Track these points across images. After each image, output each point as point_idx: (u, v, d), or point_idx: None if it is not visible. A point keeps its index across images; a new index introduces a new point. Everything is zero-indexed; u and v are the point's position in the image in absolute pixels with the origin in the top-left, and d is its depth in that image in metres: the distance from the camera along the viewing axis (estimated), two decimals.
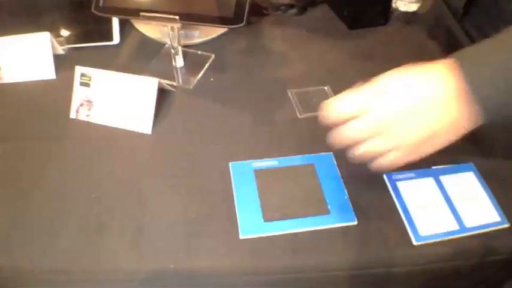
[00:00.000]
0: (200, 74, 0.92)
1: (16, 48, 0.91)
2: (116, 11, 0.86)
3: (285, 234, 0.67)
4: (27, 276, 0.63)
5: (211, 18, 0.82)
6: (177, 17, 0.81)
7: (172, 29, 0.86)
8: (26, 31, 0.91)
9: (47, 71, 0.91)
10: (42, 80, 0.90)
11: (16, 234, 0.66)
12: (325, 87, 0.89)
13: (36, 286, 0.65)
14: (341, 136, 0.58)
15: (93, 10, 0.84)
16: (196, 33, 0.99)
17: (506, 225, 0.68)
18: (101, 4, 0.84)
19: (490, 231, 0.68)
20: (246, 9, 0.79)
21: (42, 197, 0.71)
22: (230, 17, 0.80)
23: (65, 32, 0.98)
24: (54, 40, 0.92)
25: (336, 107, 0.57)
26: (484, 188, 0.73)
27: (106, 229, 0.67)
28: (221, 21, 0.81)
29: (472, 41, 1.01)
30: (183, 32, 0.92)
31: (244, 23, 0.79)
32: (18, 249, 0.65)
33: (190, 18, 0.82)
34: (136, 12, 0.83)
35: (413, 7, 1.11)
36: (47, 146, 0.78)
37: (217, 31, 1.00)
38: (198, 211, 0.69)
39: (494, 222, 0.69)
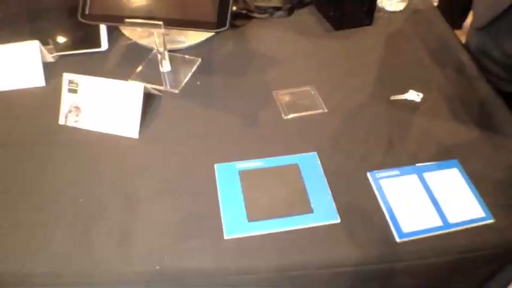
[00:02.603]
0: (187, 78, 0.93)
1: (6, 57, 0.93)
2: (102, 18, 0.87)
3: (269, 234, 0.67)
4: (17, 280, 0.64)
5: (195, 23, 0.83)
6: (161, 23, 0.82)
7: (157, 34, 0.87)
8: (16, 40, 0.93)
9: (37, 79, 0.92)
10: (32, 88, 0.92)
11: (6, 238, 0.67)
12: (310, 88, 0.90)
13: None
14: None
15: (79, 18, 0.85)
16: (183, 38, 1.00)
17: (491, 221, 0.69)
18: (86, 12, 0.85)
19: (474, 226, 0.68)
20: (229, 14, 0.80)
21: (32, 202, 0.72)
22: (213, 22, 0.81)
23: (55, 40, 1.00)
24: (43, 48, 0.94)
25: None
26: (469, 184, 0.73)
27: (93, 232, 0.68)
28: (205, 26, 0.83)
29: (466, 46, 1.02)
30: (169, 36, 0.93)
31: (227, 27, 0.80)
32: (9, 253, 0.66)
33: (174, 23, 0.83)
34: (121, 19, 0.84)
35: (399, 6, 1.12)
36: (36, 152, 0.80)
37: (204, 35, 1.01)
38: (184, 213, 0.70)
39: (479, 218, 0.69)
